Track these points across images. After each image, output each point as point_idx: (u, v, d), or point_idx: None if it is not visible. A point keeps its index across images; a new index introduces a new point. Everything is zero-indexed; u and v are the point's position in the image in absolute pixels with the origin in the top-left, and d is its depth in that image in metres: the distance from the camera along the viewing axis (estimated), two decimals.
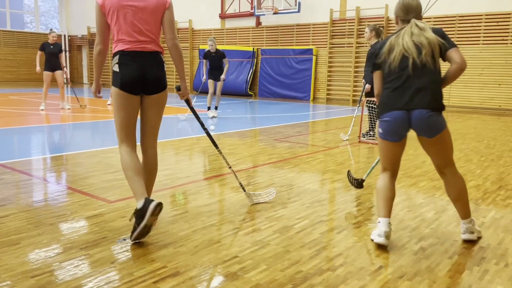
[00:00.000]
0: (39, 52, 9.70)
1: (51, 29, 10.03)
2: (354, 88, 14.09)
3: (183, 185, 3.87)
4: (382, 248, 2.54)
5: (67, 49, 24.05)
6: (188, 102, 3.13)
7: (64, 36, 23.84)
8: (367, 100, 6.49)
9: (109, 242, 2.54)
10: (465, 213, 2.70)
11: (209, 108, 9.16)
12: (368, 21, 13.56)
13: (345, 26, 14.18)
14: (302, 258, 2.38)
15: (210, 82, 9.09)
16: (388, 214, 2.61)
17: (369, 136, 6.58)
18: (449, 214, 3.20)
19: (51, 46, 9.69)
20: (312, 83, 14.86)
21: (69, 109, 10.18)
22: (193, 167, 4.68)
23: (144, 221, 2.44)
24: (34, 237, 2.58)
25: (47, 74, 9.80)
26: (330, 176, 4.35)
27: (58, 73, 9.85)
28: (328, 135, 7.08)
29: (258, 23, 16.28)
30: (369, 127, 6.65)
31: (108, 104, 11.16)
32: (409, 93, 2.55)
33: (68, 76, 12.78)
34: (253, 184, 3.96)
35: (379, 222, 2.59)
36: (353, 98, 14.09)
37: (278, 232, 2.76)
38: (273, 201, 3.41)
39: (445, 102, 2.65)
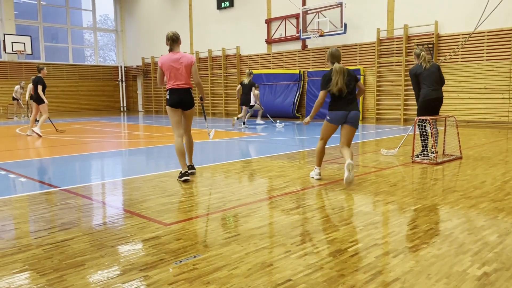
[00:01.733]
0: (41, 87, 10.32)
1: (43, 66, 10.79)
2: (405, 107, 13.75)
3: (234, 208, 3.93)
4: (440, 266, 2.44)
5: (123, 79, 25.47)
6: (203, 106, 6.39)
7: (121, 67, 25.31)
8: (419, 119, 6.31)
9: (166, 264, 2.63)
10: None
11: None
12: (417, 39, 13.29)
13: (393, 44, 13.99)
14: (357, 283, 2.34)
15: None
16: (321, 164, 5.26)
17: (423, 156, 6.37)
18: None
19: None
20: (361, 103, 14.67)
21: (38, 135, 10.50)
22: (243, 189, 4.74)
23: (181, 179, 5.07)
24: (97, 259, 2.72)
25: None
26: (383, 197, 4.25)
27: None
28: (379, 155, 6.93)
29: (304, 46, 16.44)
30: (422, 147, 6.45)
31: None
32: (346, 103, 4.90)
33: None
34: (303, 206, 3.95)
35: (316, 168, 5.22)
36: (404, 117, 13.73)
37: (331, 256, 2.73)
38: (325, 224, 3.38)
39: (505, 118, 2.58)
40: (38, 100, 10.44)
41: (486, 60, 12.13)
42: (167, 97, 5.14)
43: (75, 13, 26.26)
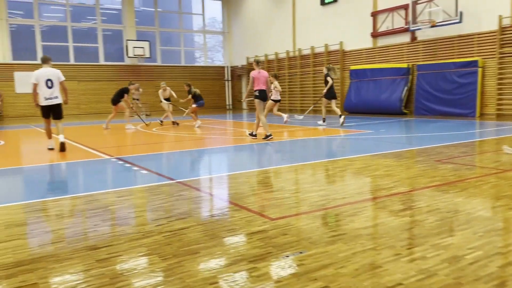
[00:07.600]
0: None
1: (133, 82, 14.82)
2: None
3: (339, 207, 3.89)
4: None
5: (229, 78, 26.65)
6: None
7: (227, 67, 26.50)
8: None
9: (273, 257, 2.71)
10: None
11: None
12: None
13: None
14: None
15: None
16: None
17: None
18: None
19: None
20: (478, 98, 13.38)
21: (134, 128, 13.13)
22: (347, 188, 4.66)
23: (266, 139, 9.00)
24: (210, 248, 2.91)
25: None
26: (506, 202, 3.84)
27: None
28: (500, 155, 6.26)
29: (413, 38, 15.51)
30: None
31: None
32: None
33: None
34: (413, 208, 3.75)
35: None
36: None
37: (446, 262, 2.56)
38: (439, 228, 3.17)
39: None
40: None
41: None
42: (256, 93, 8.99)
43: (186, 18, 28.14)
